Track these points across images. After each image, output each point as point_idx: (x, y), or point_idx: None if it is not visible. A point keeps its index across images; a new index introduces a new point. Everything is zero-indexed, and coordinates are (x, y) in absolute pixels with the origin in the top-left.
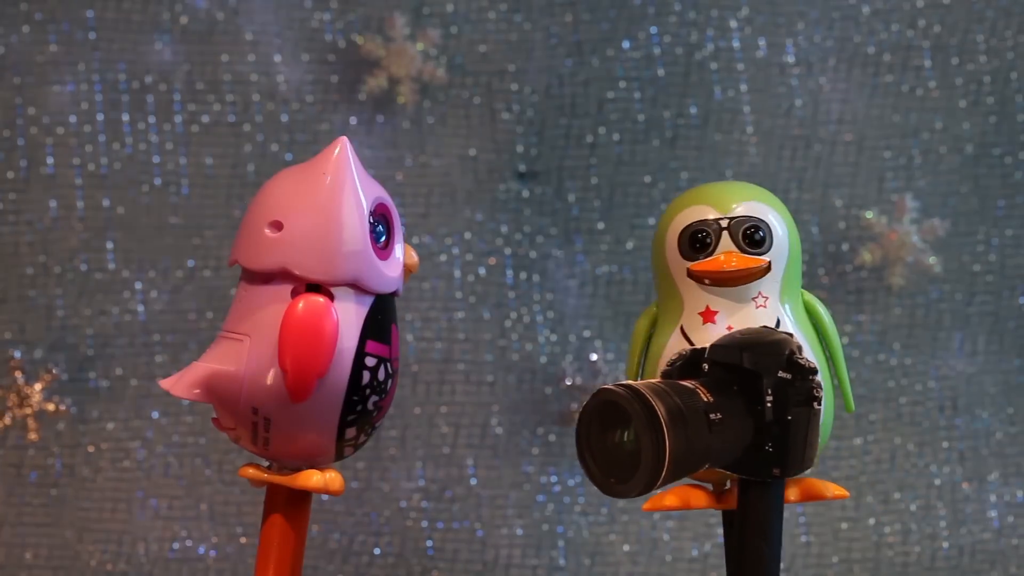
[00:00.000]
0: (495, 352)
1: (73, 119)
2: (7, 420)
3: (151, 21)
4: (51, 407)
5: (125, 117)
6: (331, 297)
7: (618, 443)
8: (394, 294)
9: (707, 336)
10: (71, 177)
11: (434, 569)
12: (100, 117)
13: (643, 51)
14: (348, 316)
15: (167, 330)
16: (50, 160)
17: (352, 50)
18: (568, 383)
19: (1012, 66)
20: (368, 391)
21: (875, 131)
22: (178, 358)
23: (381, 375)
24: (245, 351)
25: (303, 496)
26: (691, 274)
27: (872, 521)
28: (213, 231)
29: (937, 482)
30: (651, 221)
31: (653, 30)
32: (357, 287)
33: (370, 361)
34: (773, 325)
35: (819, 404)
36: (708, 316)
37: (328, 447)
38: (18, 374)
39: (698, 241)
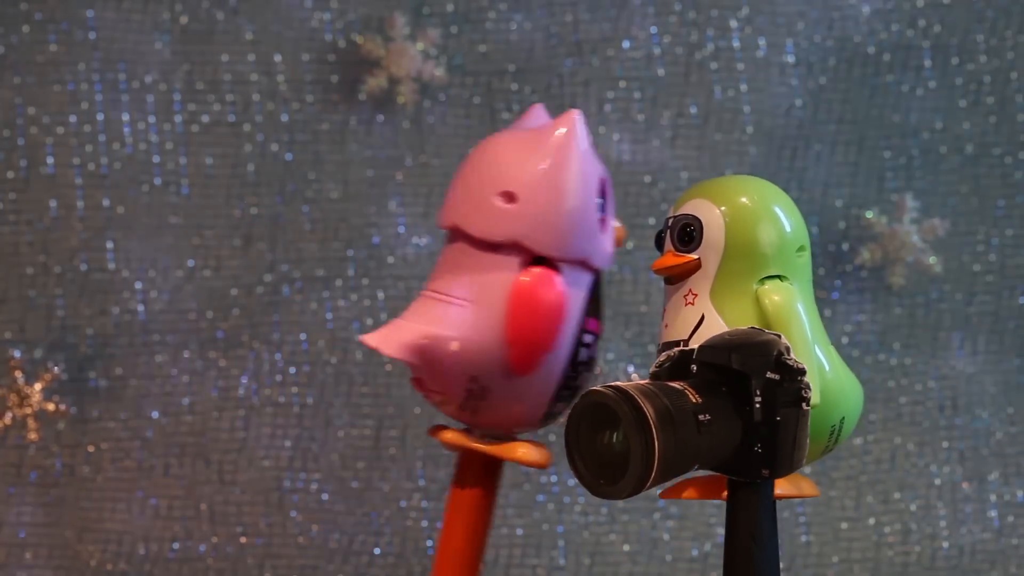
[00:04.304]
0: None
1: (73, 119)
2: (7, 420)
3: (151, 21)
4: (51, 407)
5: (125, 117)
6: (559, 271)
7: (607, 444)
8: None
9: (660, 332)
10: (71, 177)
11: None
12: (100, 117)
13: (643, 51)
14: (574, 292)
15: (167, 330)
16: (50, 160)
17: (352, 50)
18: None
19: (1012, 66)
20: (582, 368)
21: (875, 131)
22: (178, 358)
23: (594, 352)
24: (468, 317)
25: (499, 465)
26: None
27: (872, 521)
28: (213, 231)
29: (937, 482)
30: (651, 221)
31: (653, 30)
32: (585, 264)
33: (587, 338)
34: (696, 322)
35: (808, 405)
36: (663, 313)
37: (536, 419)
38: (18, 374)
39: (660, 240)
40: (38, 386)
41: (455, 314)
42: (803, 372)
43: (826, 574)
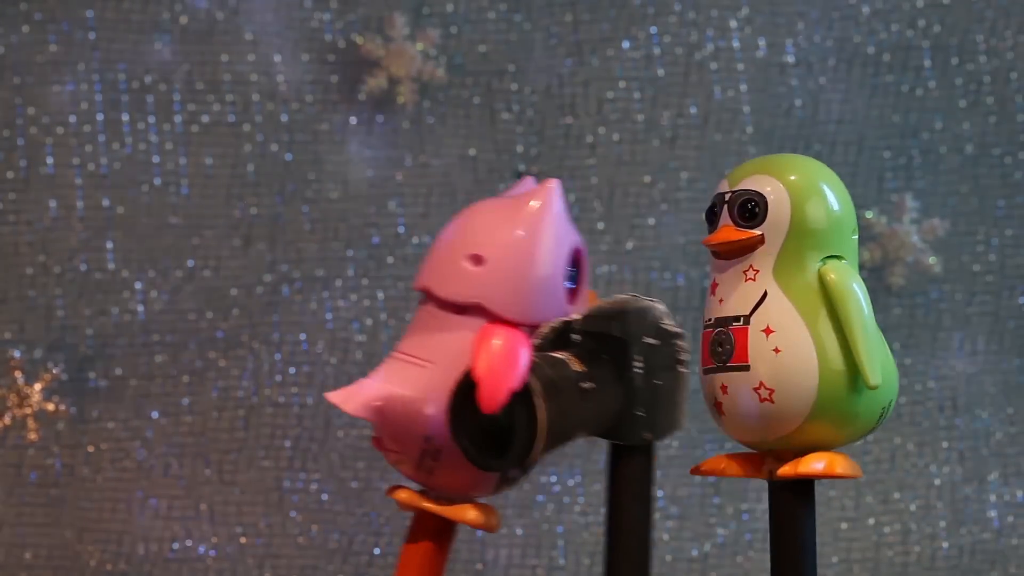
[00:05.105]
0: None
1: (73, 119)
2: (7, 420)
3: (151, 21)
4: (51, 407)
5: (125, 117)
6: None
7: (492, 417)
8: None
9: (710, 308)
10: (71, 177)
11: None
12: (100, 117)
13: (643, 51)
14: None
15: (167, 330)
16: (50, 160)
17: (352, 50)
18: None
19: (1012, 66)
20: None
21: (875, 131)
22: (178, 358)
23: None
24: (426, 377)
25: (451, 526)
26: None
27: (872, 521)
28: (213, 231)
29: (937, 482)
30: (651, 221)
31: (653, 30)
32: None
33: None
34: (758, 298)
35: (685, 368)
36: (713, 288)
37: (490, 484)
38: (18, 374)
39: (713, 214)
40: (38, 386)
41: (416, 374)
42: (680, 336)
43: (826, 574)
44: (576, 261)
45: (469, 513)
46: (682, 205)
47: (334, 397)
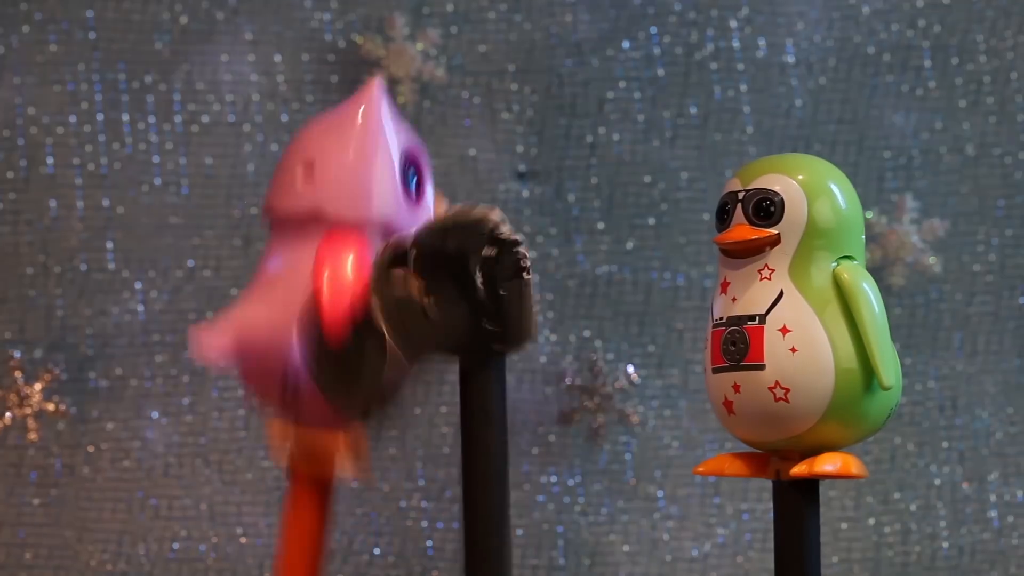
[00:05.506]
0: None
1: (73, 119)
2: (7, 420)
3: (151, 21)
4: (51, 407)
5: (125, 117)
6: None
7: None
8: None
9: (722, 307)
10: (71, 177)
11: (434, 569)
12: (100, 117)
13: (643, 51)
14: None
15: (167, 330)
16: (50, 160)
17: (352, 50)
18: (568, 383)
19: (1012, 66)
20: None
21: (875, 131)
22: (178, 358)
23: None
24: (279, 301)
25: (327, 486)
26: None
27: (872, 521)
28: (213, 231)
29: (937, 482)
30: (651, 221)
31: (653, 30)
32: (389, 231)
33: None
34: (775, 298)
35: (528, 275)
36: (724, 287)
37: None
38: (18, 374)
39: (725, 213)
40: (38, 386)
41: (270, 299)
42: (518, 243)
43: (826, 574)
44: (414, 163)
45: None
46: (682, 205)
47: (200, 338)
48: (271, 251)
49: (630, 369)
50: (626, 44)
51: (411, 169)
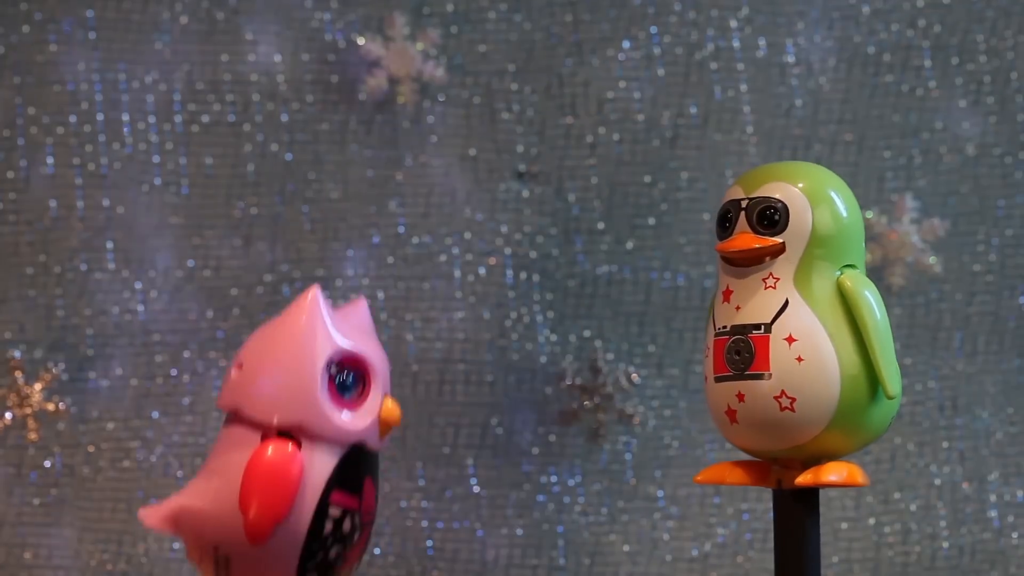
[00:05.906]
0: (495, 352)
1: (73, 119)
2: (7, 420)
3: (151, 21)
4: (51, 407)
5: (125, 117)
6: (299, 445)
7: None
8: (371, 449)
9: (725, 315)
10: (71, 177)
11: (434, 569)
12: (100, 117)
13: (643, 51)
14: (315, 465)
15: (167, 330)
16: (50, 160)
17: (352, 50)
18: (568, 383)
19: (1012, 66)
20: (330, 541)
21: (875, 131)
22: (178, 358)
23: (346, 527)
24: (213, 489)
25: None
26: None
27: (872, 521)
28: (213, 231)
29: (937, 482)
30: (651, 221)
31: (653, 30)
32: (304, 434)
33: (335, 512)
34: (780, 307)
35: None
36: (726, 295)
37: None
38: (18, 374)
39: (727, 221)
40: (38, 386)
41: (206, 486)
42: None
43: (826, 574)
44: (353, 366)
45: None
46: (682, 205)
47: (142, 513)
48: (219, 436)
49: (631, 369)
50: (626, 44)
51: (349, 374)
